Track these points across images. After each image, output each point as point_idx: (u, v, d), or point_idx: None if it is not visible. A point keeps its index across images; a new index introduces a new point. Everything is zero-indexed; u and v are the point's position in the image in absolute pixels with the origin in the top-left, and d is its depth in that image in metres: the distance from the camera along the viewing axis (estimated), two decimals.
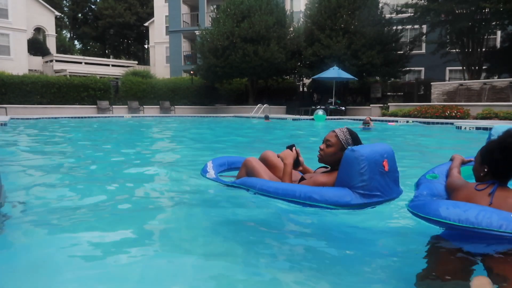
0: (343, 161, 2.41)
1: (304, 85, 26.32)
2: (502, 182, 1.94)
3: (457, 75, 23.84)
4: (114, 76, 27.69)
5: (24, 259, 1.85)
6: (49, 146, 6.99)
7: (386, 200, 2.43)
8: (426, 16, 18.29)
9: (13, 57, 26.73)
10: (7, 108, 17.40)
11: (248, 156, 3.09)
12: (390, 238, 2.18)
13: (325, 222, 2.36)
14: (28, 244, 2.02)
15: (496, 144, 1.97)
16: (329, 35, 18.94)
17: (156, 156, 5.83)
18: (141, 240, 2.07)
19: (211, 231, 2.25)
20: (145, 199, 2.96)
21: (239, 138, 9.20)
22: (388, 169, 2.43)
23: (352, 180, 2.36)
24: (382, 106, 17.81)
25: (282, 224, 2.41)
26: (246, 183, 2.81)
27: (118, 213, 2.54)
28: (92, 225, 2.30)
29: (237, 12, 19.86)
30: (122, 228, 2.23)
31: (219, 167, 3.41)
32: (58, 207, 2.72)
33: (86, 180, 3.67)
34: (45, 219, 2.40)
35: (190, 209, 2.70)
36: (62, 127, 11.72)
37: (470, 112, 13.58)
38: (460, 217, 1.71)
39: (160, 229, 2.30)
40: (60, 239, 2.07)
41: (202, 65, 21.34)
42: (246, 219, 2.48)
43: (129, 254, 1.85)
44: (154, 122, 14.98)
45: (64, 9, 48.66)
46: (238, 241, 2.07)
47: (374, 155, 2.37)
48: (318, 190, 2.42)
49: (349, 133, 2.64)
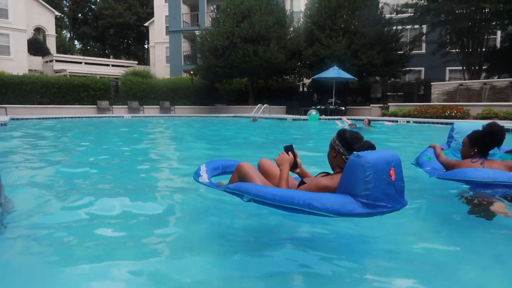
0: (347, 166, 2.27)
1: (304, 85, 26.32)
2: (485, 156, 3.21)
3: (457, 75, 23.84)
4: (114, 76, 27.68)
5: (24, 259, 1.85)
6: (49, 146, 6.99)
7: (391, 211, 2.29)
8: (426, 16, 18.28)
9: (13, 57, 26.73)
10: (7, 108, 17.40)
11: (242, 161, 2.97)
12: (389, 248, 2.12)
13: (321, 229, 2.25)
14: (28, 244, 2.02)
15: (484, 132, 3.17)
16: (329, 35, 18.94)
17: (153, 156, 5.83)
18: (126, 246, 2.03)
19: (201, 238, 2.15)
20: (140, 200, 2.95)
21: (235, 139, 9.19)
22: (395, 178, 2.29)
23: (355, 187, 2.22)
24: (382, 106, 17.80)
25: (276, 231, 2.30)
26: (240, 189, 2.64)
27: (105, 215, 2.51)
28: (90, 224, 2.30)
29: (237, 12, 19.86)
30: (108, 232, 2.20)
31: (213, 171, 3.32)
32: (58, 207, 2.72)
33: (85, 180, 3.67)
34: (45, 219, 2.40)
35: (180, 215, 2.60)
36: (62, 127, 11.72)
37: (470, 112, 13.57)
38: (484, 176, 2.98)
39: (149, 234, 2.22)
40: (60, 239, 2.07)
41: (202, 65, 21.33)
42: (237, 226, 2.36)
43: (112, 258, 1.83)
44: (154, 122, 14.97)
45: (64, 9, 48.64)
46: (228, 250, 1.98)
47: (381, 163, 2.24)
48: (319, 197, 2.27)
49: (340, 136, 2.51)
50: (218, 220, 2.46)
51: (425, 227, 2.41)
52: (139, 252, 1.91)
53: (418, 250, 2.01)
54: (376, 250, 2.02)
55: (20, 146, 6.83)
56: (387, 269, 1.78)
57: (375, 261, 1.88)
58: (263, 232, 2.30)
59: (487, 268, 1.78)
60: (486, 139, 3.16)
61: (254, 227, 2.37)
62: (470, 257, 1.91)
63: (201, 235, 2.20)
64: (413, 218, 2.47)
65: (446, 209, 2.75)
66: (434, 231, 2.33)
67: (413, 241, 2.14)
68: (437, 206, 2.85)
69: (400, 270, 1.77)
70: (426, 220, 2.56)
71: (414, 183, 3.30)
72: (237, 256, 1.90)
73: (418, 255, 1.94)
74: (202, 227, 2.33)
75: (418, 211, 2.65)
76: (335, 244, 2.12)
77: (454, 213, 2.65)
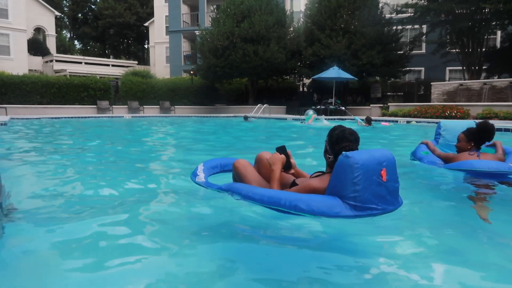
0: (336, 167, 2.19)
1: (304, 85, 26.32)
2: (479, 150, 3.77)
3: (457, 75, 23.84)
4: (114, 76, 27.68)
5: (24, 259, 1.85)
6: (49, 146, 6.99)
7: (382, 213, 2.20)
8: (426, 16, 18.29)
9: (13, 57, 26.73)
10: (7, 108, 17.40)
11: (239, 158, 2.97)
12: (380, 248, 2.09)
13: (313, 229, 2.19)
14: (28, 244, 2.02)
15: (481, 128, 3.75)
16: (329, 35, 18.94)
17: (152, 157, 5.83)
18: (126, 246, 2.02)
19: (198, 239, 2.12)
20: (137, 202, 2.95)
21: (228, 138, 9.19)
22: (387, 178, 2.18)
23: (343, 189, 2.13)
24: (382, 106, 17.81)
25: (269, 232, 2.25)
26: (232, 189, 2.63)
27: (105, 215, 2.50)
28: (90, 224, 2.30)
29: (237, 12, 19.86)
30: (107, 232, 2.19)
31: (211, 170, 3.30)
32: (57, 207, 2.72)
33: (85, 181, 3.67)
34: (45, 219, 2.40)
35: (174, 215, 2.57)
36: (62, 127, 11.72)
37: (470, 112, 13.58)
38: (488, 166, 3.51)
39: (145, 232, 2.19)
40: (60, 238, 2.07)
41: (202, 65, 21.34)
42: (232, 226, 2.33)
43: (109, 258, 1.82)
44: (153, 122, 14.97)
45: (64, 9, 48.65)
46: (222, 250, 1.96)
47: (371, 163, 2.14)
48: (305, 198, 2.21)
49: (329, 133, 2.40)
50: (215, 219, 2.47)
51: (424, 225, 2.41)
52: (139, 251, 1.91)
53: (418, 250, 2.01)
54: (373, 248, 2.01)
55: (20, 146, 6.83)
56: (386, 269, 1.78)
57: (371, 261, 1.87)
58: (259, 229, 2.29)
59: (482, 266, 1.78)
60: (482, 134, 3.74)
61: (244, 229, 2.33)
62: (470, 256, 1.91)
63: (198, 235, 2.20)
64: (411, 216, 2.47)
65: (445, 206, 2.76)
66: (433, 229, 2.32)
67: (413, 241, 2.14)
68: (436, 202, 2.86)
69: (398, 269, 1.77)
70: (424, 216, 2.56)
71: (410, 180, 3.39)
72: (233, 255, 1.90)
73: (418, 255, 1.94)
74: (199, 227, 2.34)
75: (417, 207, 2.65)
76: (335, 243, 2.12)
77: (453, 209, 2.65)
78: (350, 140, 2.33)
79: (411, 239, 2.13)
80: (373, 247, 2.02)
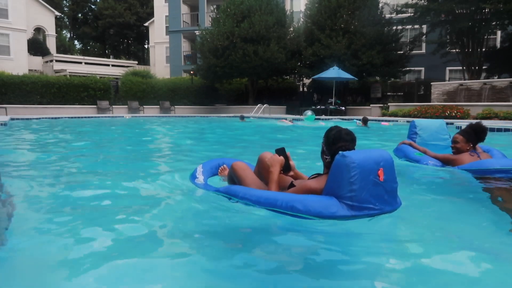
0: (333, 166, 2.18)
1: (304, 85, 26.33)
2: (475, 149, 3.83)
3: (457, 75, 23.84)
4: (114, 76, 27.69)
5: (24, 258, 1.85)
6: (49, 146, 7.00)
7: (379, 213, 2.19)
8: (426, 16, 18.30)
9: (13, 57, 26.74)
10: (7, 108, 17.41)
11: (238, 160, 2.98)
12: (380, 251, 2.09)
13: (311, 230, 2.17)
14: (28, 243, 2.02)
15: (478, 129, 3.80)
16: (329, 35, 18.94)
17: (152, 157, 5.83)
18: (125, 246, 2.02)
19: (196, 239, 2.11)
20: (135, 203, 2.95)
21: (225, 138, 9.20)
22: (384, 178, 2.17)
23: (340, 189, 2.12)
24: (382, 106, 17.81)
25: (267, 234, 2.23)
26: (229, 191, 2.62)
27: (104, 215, 2.50)
28: (89, 224, 2.30)
29: (237, 12, 19.87)
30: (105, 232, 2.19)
31: (211, 170, 3.28)
32: (57, 207, 2.72)
33: (85, 181, 3.67)
34: (45, 219, 2.41)
35: (173, 218, 2.53)
36: (62, 127, 11.72)
37: (470, 112, 13.58)
38: (506, 164, 3.55)
39: (142, 234, 2.18)
40: (59, 238, 2.07)
41: (202, 65, 21.35)
42: (229, 229, 2.31)
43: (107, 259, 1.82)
44: (153, 122, 14.98)
45: (64, 9, 48.67)
46: (221, 252, 1.95)
47: (368, 163, 2.13)
48: (302, 199, 2.20)
49: (326, 133, 2.39)
50: (214, 221, 2.46)
51: (424, 224, 2.41)
52: (138, 252, 1.91)
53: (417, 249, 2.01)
54: (372, 249, 2.01)
55: (20, 146, 6.83)
56: (385, 269, 1.78)
57: (370, 261, 1.87)
58: (256, 232, 2.29)
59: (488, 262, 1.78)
60: (480, 135, 3.83)
61: (242, 232, 2.31)
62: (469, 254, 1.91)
63: (197, 235, 2.20)
64: (411, 216, 2.47)
65: (446, 206, 2.76)
66: (432, 229, 2.32)
67: (412, 240, 2.14)
68: (435, 203, 2.86)
69: (396, 269, 1.77)
70: (424, 216, 2.56)
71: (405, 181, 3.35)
72: (232, 256, 1.90)
73: (417, 255, 1.94)
74: (198, 228, 2.34)
75: (416, 208, 2.65)
76: (334, 243, 2.11)
77: (455, 208, 2.65)
78: (347, 140, 2.32)
79: (411, 239, 2.13)
80: (373, 247, 2.02)
